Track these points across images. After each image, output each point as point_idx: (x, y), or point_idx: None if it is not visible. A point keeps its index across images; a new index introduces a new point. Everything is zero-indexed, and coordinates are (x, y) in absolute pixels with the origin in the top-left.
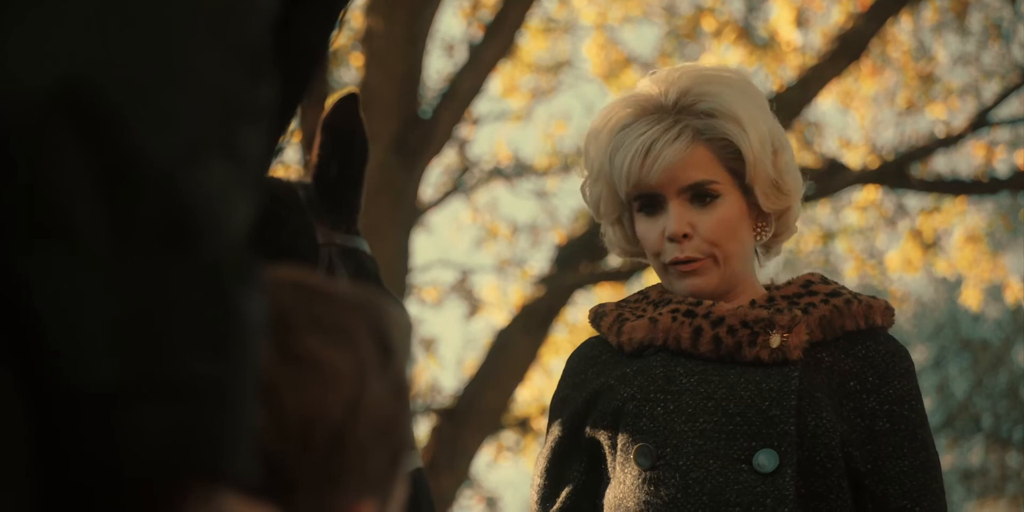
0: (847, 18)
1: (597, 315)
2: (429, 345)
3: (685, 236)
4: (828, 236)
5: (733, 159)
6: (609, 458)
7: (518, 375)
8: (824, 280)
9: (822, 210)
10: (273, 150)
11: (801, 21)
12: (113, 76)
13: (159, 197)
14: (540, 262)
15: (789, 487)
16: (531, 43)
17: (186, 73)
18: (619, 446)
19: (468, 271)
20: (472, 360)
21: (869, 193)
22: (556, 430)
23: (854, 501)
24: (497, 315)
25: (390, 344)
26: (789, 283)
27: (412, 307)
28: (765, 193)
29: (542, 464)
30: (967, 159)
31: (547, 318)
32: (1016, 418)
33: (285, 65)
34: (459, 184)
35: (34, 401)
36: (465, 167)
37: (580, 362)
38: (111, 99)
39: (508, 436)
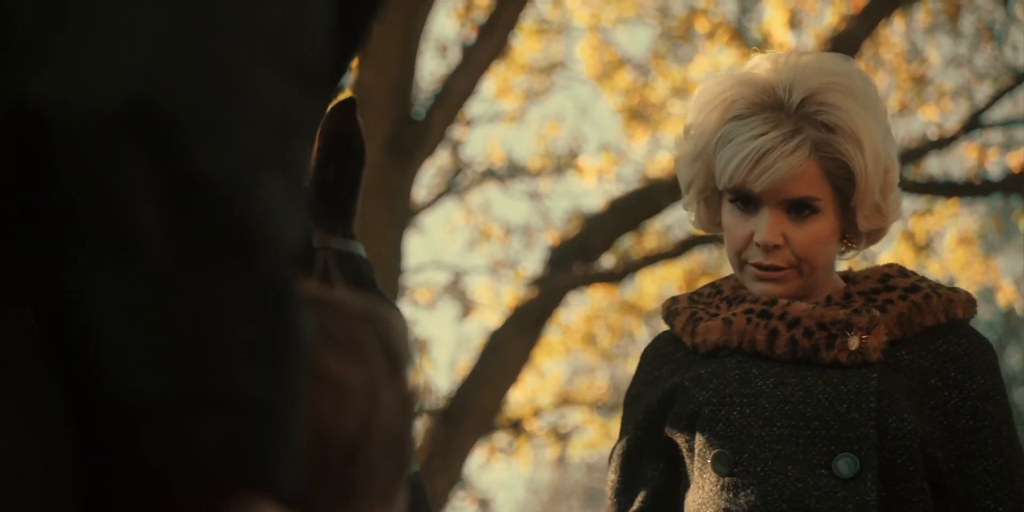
0: (840, 20)
1: (670, 312)
2: (422, 346)
3: (775, 246)
4: None
5: (843, 179)
6: (687, 461)
7: (511, 376)
8: (903, 272)
9: None
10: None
11: (794, 22)
12: (177, 93)
13: (219, 213)
14: (533, 263)
15: (871, 492)
16: (524, 44)
17: (246, 89)
18: (696, 451)
19: (461, 272)
20: (465, 361)
21: None
22: (631, 427)
23: (935, 502)
24: (490, 316)
25: (397, 356)
26: (867, 276)
27: (405, 308)
28: (866, 216)
29: (617, 460)
30: (960, 161)
31: (540, 319)
32: None
33: None
34: (452, 185)
35: (79, 411)
36: (458, 168)
37: (655, 358)
38: (175, 115)
39: (501, 437)
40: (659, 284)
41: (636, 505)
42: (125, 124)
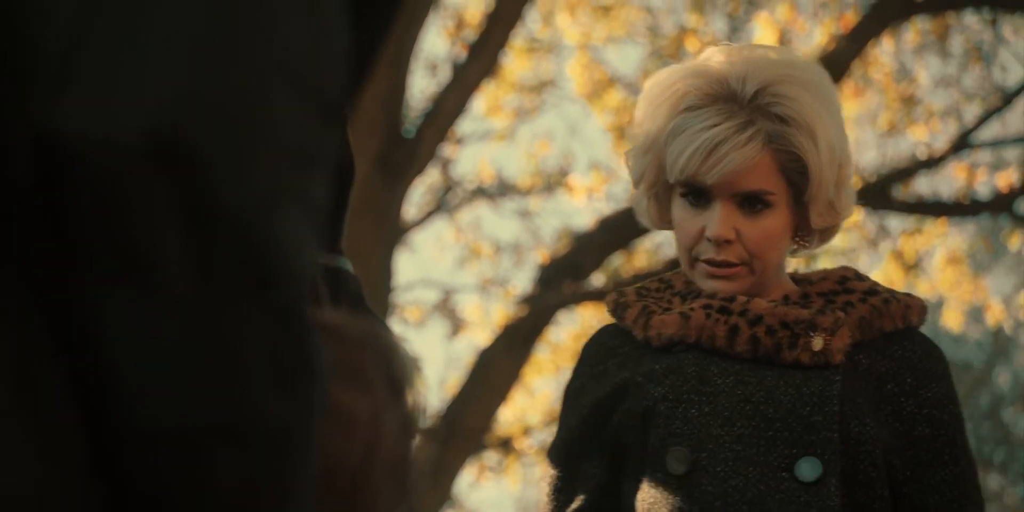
0: (829, 39)
1: (619, 305)
2: (419, 367)
3: (727, 241)
4: (811, 257)
5: (796, 173)
6: (635, 459)
7: (501, 395)
8: (858, 276)
9: None
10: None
11: (783, 42)
12: (199, 125)
13: (239, 244)
14: (523, 282)
15: (834, 497)
16: (515, 63)
17: (267, 121)
18: (649, 448)
19: (451, 291)
20: (455, 380)
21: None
22: (573, 421)
23: (894, 510)
24: (480, 335)
25: (398, 380)
26: (823, 278)
27: (395, 327)
28: (819, 212)
29: (555, 455)
30: (948, 181)
31: (530, 338)
32: (998, 440)
33: None
34: (442, 203)
35: (95, 441)
36: (448, 186)
37: (599, 351)
38: (197, 148)
39: (490, 456)
40: None
41: (576, 504)
42: (147, 157)
